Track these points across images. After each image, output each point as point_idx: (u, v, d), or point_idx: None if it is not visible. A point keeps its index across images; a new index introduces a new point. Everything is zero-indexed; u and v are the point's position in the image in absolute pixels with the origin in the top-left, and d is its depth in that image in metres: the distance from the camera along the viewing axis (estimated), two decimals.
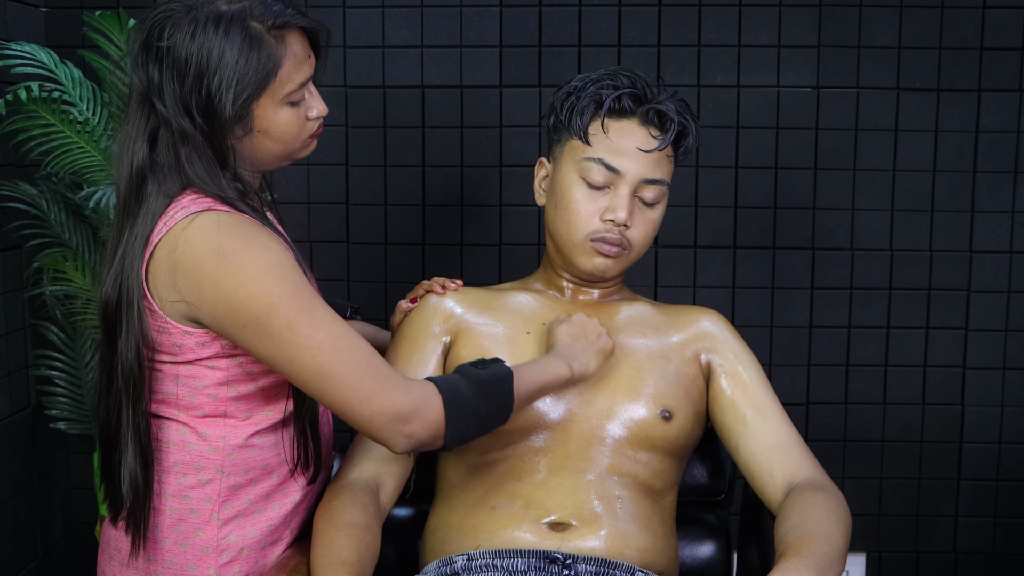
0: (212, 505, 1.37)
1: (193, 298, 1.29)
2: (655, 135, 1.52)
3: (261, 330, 1.28)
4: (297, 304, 1.28)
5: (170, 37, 1.29)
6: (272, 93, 1.32)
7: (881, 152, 2.25)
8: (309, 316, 1.29)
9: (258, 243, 1.29)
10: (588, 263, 1.54)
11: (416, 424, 1.32)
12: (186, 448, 1.37)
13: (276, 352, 1.29)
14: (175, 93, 1.30)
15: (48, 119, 1.91)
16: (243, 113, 1.31)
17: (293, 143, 1.38)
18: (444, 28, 2.24)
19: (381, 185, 2.28)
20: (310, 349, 1.28)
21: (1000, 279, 2.27)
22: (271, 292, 1.27)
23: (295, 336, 1.28)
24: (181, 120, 1.30)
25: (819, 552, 1.28)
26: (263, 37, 1.30)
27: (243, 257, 1.27)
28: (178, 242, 1.28)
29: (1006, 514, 2.34)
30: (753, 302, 2.29)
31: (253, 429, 1.39)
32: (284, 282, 1.28)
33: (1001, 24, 2.20)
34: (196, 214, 1.29)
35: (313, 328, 1.28)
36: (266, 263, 1.28)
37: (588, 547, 1.42)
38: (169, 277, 1.29)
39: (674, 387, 1.53)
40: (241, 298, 1.27)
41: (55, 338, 2.12)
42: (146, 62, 1.31)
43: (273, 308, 1.27)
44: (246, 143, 1.35)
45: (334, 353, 1.29)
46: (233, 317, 1.28)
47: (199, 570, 1.37)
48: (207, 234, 1.27)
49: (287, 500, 1.43)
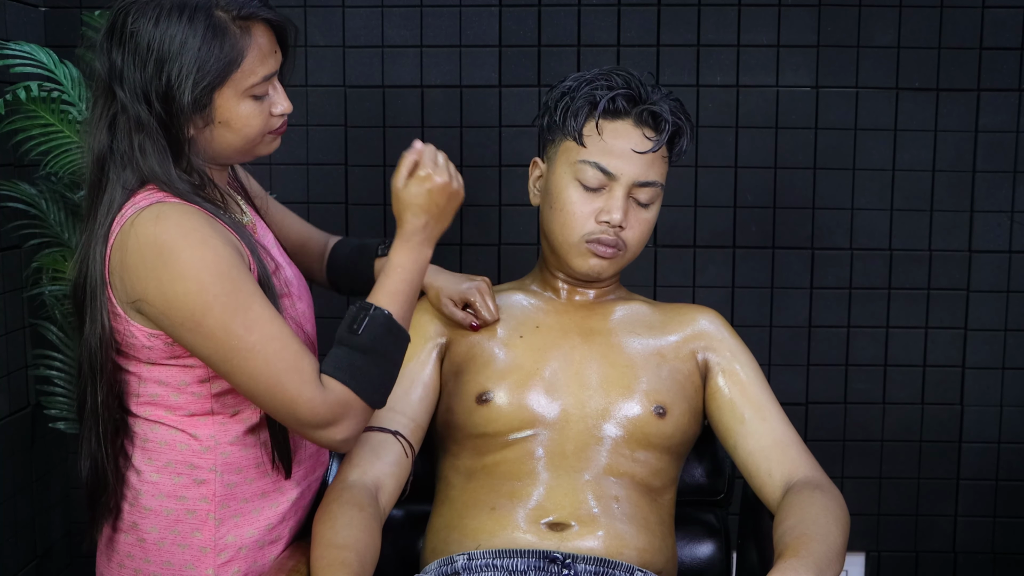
0: (209, 505, 1.37)
1: (140, 293, 1.28)
2: (649, 136, 1.52)
3: (196, 329, 1.27)
4: (233, 304, 1.26)
5: (134, 22, 1.28)
6: (234, 84, 1.31)
7: (880, 152, 2.25)
8: (244, 316, 1.27)
9: (196, 236, 1.27)
10: (583, 264, 1.54)
11: (342, 428, 1.32)
12: (178, 448, 1.37)
13: (211, 351, 1.28)
14: (135, 79, 1.29)
15: (47, 119, 1.91)
16: (203, 102, 1.30)
17: (254, 137, 1.37)
18: (443, 28, 2.24)
19: (380, 185, 2.27)
20: (241, 351, 1.27)
21: (999, 279, 2.27)
22: (206, 290, 1.25)
23: (229, 337, 1.26)
24: (138, 107, 1.29)
25: (817, 552, 1.28)
26: (227, 27, 1.29)
27: (179, 252, 1.25)
28: (127, 239, 1.28)
29: (1005, 514, 2.34)
30: (752, 302, 2.29)
31: (243, 426, 1.38)
32: (221, 280, 1.26)
33: (1000, 24, 2.20)
34: (143, 209, 1.28)
35: (247, 330, 1.27)
36: (203, 259, 1.26)
37: (587, 547, 1.42)
38: (122, 276, 1.29)
39: (668, 384, 1.53)
40: (178, 294, 1.25)
41: (54, 338, 2.12)
42: (109, 47, 1.31)
43: (208, 307, 1.25)
44: (206, 134, 1.34)
45: (263, 359, 1.27)
46: (170, 314, 1.27)
47: (197, 570, 1.37)
48: (148, 227, 1.27)
49: (284, 498, 1.43)
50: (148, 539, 1.38)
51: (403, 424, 1.52)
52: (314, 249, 1.70)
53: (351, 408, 1.32)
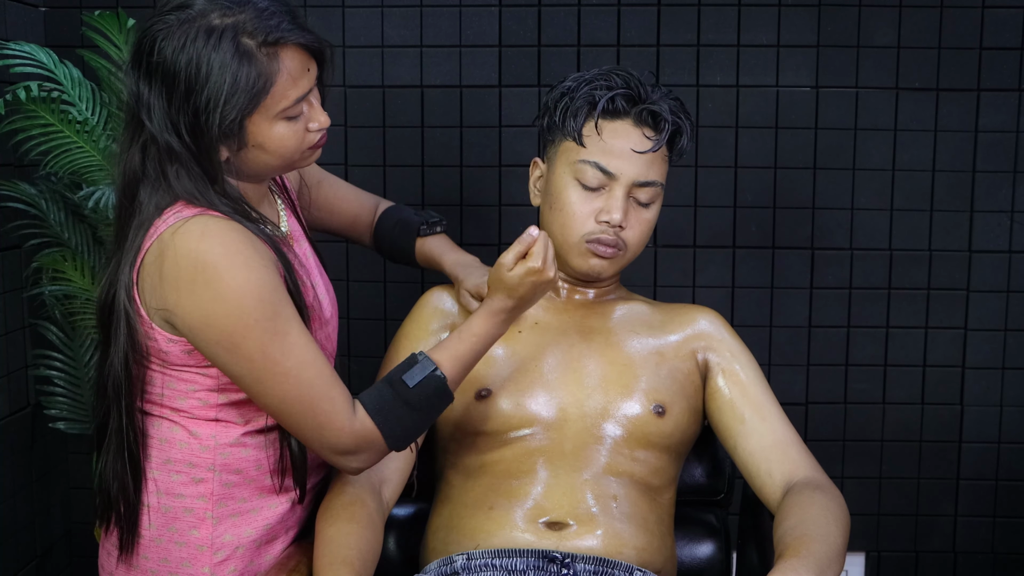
0: (206, 503, 1.37)
1: (172, 305, 1.27)
2: (649, 136, 1.52)
3: (233, 350, 1.27)
4: (272, 329, 1.27)
5: (160, 51, 1.26)
6: (265, 110, 1.28)
7: (880, 152, 2.25)
8: (282, 342, 1.27)
9: (240, 258, 1.26)
10: (584, 264, 1.54)
11: (361, 459, 1.36)
12: (177, 446, 1.37)
13: (244, 372, 1.28)
14: (163, 109, 1.27)
15: (47, 119, 1.91)
16: (233, 130, 1.27)
17: (291, 156, 1.35)
18: (443, 28, 2.23)
19: (380, 185, 2.27)
20: (277, 376, 1.28)
21: (999, 279, 2.27)
22: (248, 314, 1.25)
23: (265, 360, 1.27)
24: (168, 137, 1.27)
25: (817, 552, 1.28)
26: (254, 54, 1.26)
27: (223, 272, 1.25)
28: (166, 249, 1.27)
29: (1005, 514, 2.34)
30: (752, 302, 2.29)
31: (245, 430, 1.39)
32: (262, 305, 1.26)
33: (1000, 24, 2.20)
34: (186, 219, 1.27)
35: (284, 355, 1.28)
36: (246, 282, 1.25)
37: (585, 546, 1.42)
38: (154, 283, 1.29)
39: (668, 383, 1.53)
40: (218, 315, 1.25)
41: (54, 338, 2.12)
42: (137, 76, 1.29)
43: (248, 330, 1.25)
44: (241, 156, 1.32)
45: (298, 383, 1.29)
46: (207, 332, 1.27)
47: (194, 568, 1.38)
48: (191, 242, 1.25)
49: (283, 499, 1.43)
50: (145, 535, 1.38)
51: None
52: (365, 219, 1.71)
53: (374, 445, 1.35)
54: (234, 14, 1.27)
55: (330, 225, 1.70)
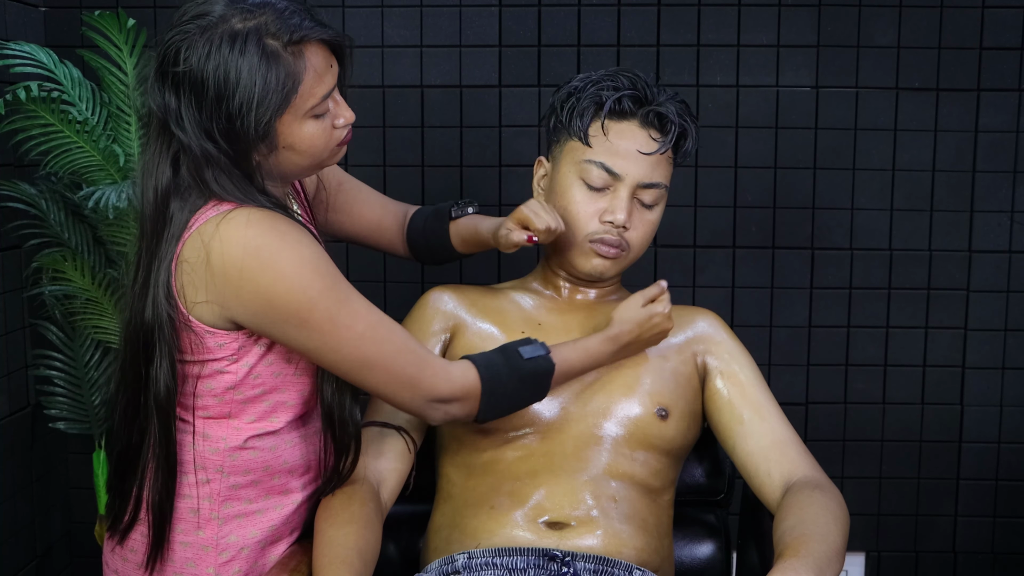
0: (212, 504, 1.37)
1: (229, 296, 1.28)
2: (655, 137, 1.52)
3: (303, 324, 1.29)
4: (336, 297, 1.30)
5: (185, 60, 1.26)
6: (294, 109, 1.29)
7: (880, 152, 2.25)
8: (348, 308, 1.31)
9: (291, 238, 1.28)
10: (587, 264, 1.54)
11: (453, 407, 1.39)
12: (187, 447, 1.37)
13: (319, 344, 1.30)
14: (194, 118, 1.27)
15: (47, 119, 1.91)
16: (266, 132, 1.28)
17: (321, 154, 1.36)
18: (443, 28, 2.24)
19: (380, 185, 2.27)
20: (352, 340, 1.31)
21: (999, 279, 2.27)
22: (310, 286, 1.28)
23: (337, 328, 1.30)
24: (204, 144, 1.28)
25: (817, 552, 1.28)
26: (280, 54, 1.26)
27: (278, 253, 1.27)
28: (211, 242, 1.27)
29: (1005, 514, 2.34)
30: (752, 302, 2.29)
31: (254, 432, 1.38)
32: (321, 276, 1.29)
33: (1000, 24, 2.20)
34: (227, 212, 1.28)
35: (354, 319, 1.31)
36: (301, 258, 1.28)
37: (585, 546, 1.42)
38: (197, 276, 1.28)
39: (671, 386, 1.53)
40: (280, 293, 1.27)
41: (54, 338, 2.12)
42: (163, 88, 1.28)
43: (313, 302, 1.28)
44: (272, 159, 1.33)
45: (375, 343, 1.32)
46: (272, 313, 1.28)
47: (199, 568, 1.38)
48: (239, 231, 1.26)
49: (288, 501, 1.43)
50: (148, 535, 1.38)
51: (406, 419, 1.52)
52: (392, 224, 1.69)
53: (468, 396, 1.39)
54: (255, 17, 1.27)
55: (351, 230, 1.68)
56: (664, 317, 1.52)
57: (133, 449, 1.37)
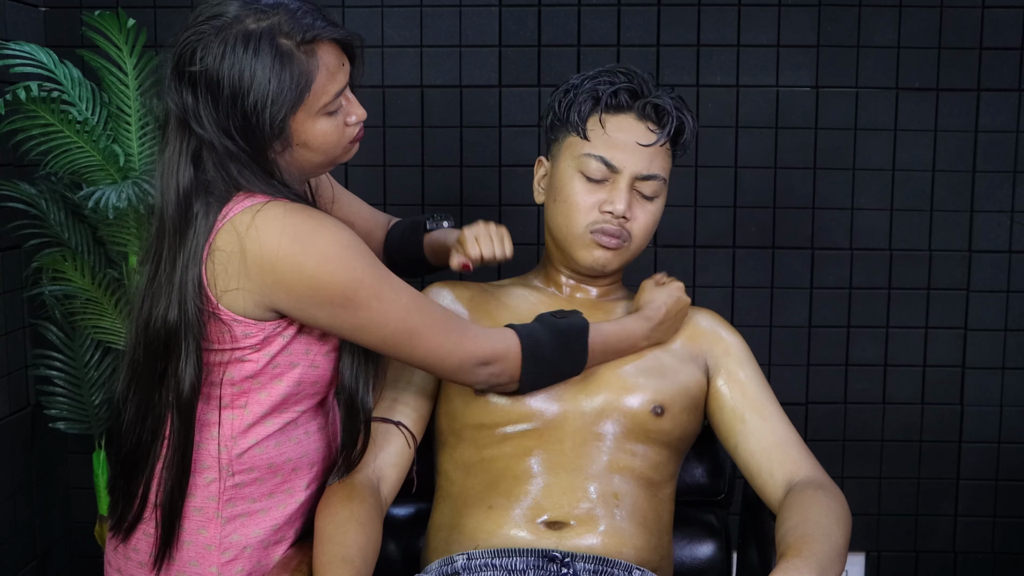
0: (215, 503, 1.37)
1: (270, 285, 1.29)
2: (653, 129, 1.52)
3: (349, 303, 1.31)
4: (377, 274, 1.33)
5: (201, 60, 1.28)
6: (307, 108, 1.31)
7: (880, 152, 2.25)
8: (390, 283, 1.35)
9: (328, 223, 1.32)
10: (588, 256, 1.54)
11: (496, 367, 1.42)
12: (196, 446, 1.37)
13: (366, 321, 1.33)
14: (212, 116, 1.30)
15: (47, 119, 1.91)
16: (280, 131, 1.30)
17: (334, 151, 1.39)
18: (443, 28, 2.24)
19: (380, 185, 2.27)
20: (398, 312, 1.34)
21: (999, 279, 2.27)
22: (354, 266, 1.31)
23: (382, 303, 1.33)
24: (224, 141, 1.30)
25: (819, 552, 1.28)
26: (293, 53, 1.29)
27: (319, 237, 1.30)
28: (248, 231, 1.28)
29: (1005, 514, 2.34)
30: (752, 302, 2.29)
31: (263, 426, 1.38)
32: (361, 256, 1.32)
33: (1000, 24, 2.20)
34: (262, 204, 1.30)
35: (397, 293, 1.35)
36: (341, 240, 1.31)
37: (585, 545, 1.42)
38: (232, 264, 1.29)
39: (668, 384, 1.53)
40: (325, 276, 1.29)
41: (54, 338, 2.12)
42: (180, 87, 1.31)
43: (359, 281, 1.31)
44: (286, 156, 1.35)
45: (419, 313, 1.36)
46: (318, 296, 1.30)
47: (201, 567, 1.38)
48: (277, 221, 1.29)
49: (291, 500, 1.43)
50: (154, 534, 1.38)
51: (406, 414, 1.53)
52: (378, 236, 1.75)
53: (509, 357, 1.42)
54: (268, 17, 1.30)
55: None
56: (683, 291, 1.58)
57: (143, 448, 1.37)
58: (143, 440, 1.36)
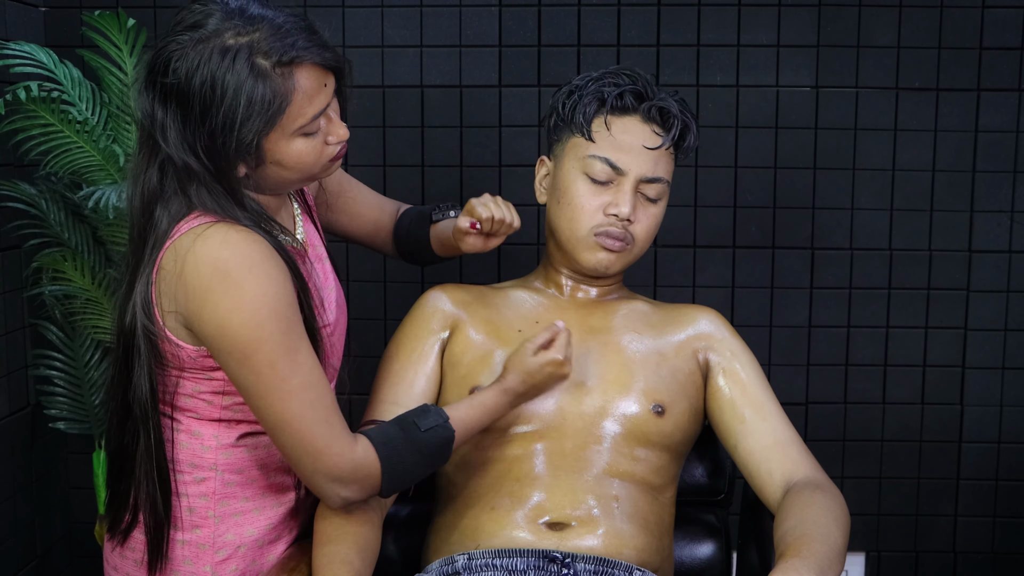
0: (208, 503, 1.37)
1: (193, 311, 1.27)
2: (658, 132, 1.53)
3: (243, 361, 1.26)
4: (283, 344, 1.26)
5: (174, 72, 1.25)
6: (282, 128, 1.27)
7: (880, 152, 2.25)
8: (292, 359, 1.27)
9: (261, 269, 1.26)
10: (591, 258, 1.54)
11: (352, 489, 1.34)
12: (179, 446, 1.37)
13: (251, 384, 1.28)
14: (179, 131, 1.26)
15: (47, 119, 1.91)
16: (250, 150, 1.27)
17: (311, 169, 1.34)
18: (443, 28, 2.24)
19: (380, 185, 2.27)
20: (281, 392, 1.27)
21: (999, 279, 2.27)
22: (262, 327, 1.25)
23: (273, 375, 1.26)
24: (186, 158, 1.27)
25: (818, 552, 1.28)
26: (268, 74, 1.24)
27: (242, 282, 1.24)
28: (187, 254, 1.26)
29: (1005, 514, 2.34)
30: (752, 302, 2.29)
31: (247, 430, 1.39)
32: (277, 319, 1.26)
33: (1000, 24, 2.20)
34: (209, 225, 1.27)
35: (292, 372, 1.27)
36: (263, 294, 1.25)
37: (586, 546, 1.42)
38: (172, 287, 1.28)
39: (668, 383, 1.53)
40: (233, 324, 1.25)
41: (54, 338, 2.12)
42: (151, 97, 1.27)
43: (261, 343, 1.25)
44: (260, 172, 1.32)
45: (300, 403, 1.28)
46: (220, 341, 1.26)
47: (196, 566, 1.38)
48: (213, 249, 1.25)
49: (286, 499, 1.43)
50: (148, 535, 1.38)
51: None
52: (388, 224, 1.70)
53: (369, 478, 1.34)
54: (248, 33, 1.25)
55: (352, 231, 1.68)
56: (556, 365, 1.46)
57: (126, 450, 1.37)
58: (125, 443, 1.37)
